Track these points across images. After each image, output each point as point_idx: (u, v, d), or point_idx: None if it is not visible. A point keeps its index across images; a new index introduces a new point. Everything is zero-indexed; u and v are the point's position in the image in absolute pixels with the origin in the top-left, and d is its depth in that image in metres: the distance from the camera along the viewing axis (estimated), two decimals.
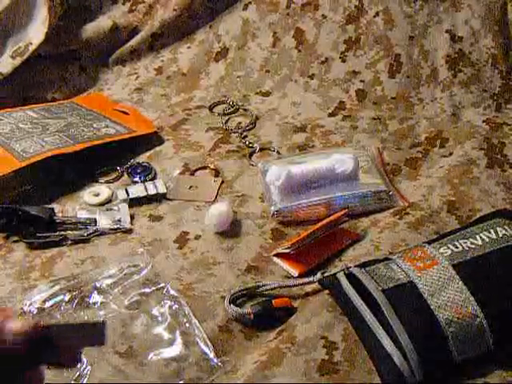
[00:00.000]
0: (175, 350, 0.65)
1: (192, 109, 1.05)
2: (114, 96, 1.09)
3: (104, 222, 0.81)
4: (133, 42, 1.15)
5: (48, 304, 0.69)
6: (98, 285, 0.71)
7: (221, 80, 1.10)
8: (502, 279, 0.65)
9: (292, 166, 0.85)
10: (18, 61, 1.06)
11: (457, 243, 0.67)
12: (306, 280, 0.71)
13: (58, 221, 0.81)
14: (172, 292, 0.70)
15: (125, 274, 0.72)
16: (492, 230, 0.68)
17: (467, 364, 0.62)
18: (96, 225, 0.81)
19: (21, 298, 0.71)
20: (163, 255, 0.77)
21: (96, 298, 0.70)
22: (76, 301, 0.70)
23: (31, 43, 1.07)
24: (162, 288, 0.71)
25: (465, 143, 0.93)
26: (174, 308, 0.69)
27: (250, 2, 1.14)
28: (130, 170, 0.91)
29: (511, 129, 0.96)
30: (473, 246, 0.67)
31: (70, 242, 0.79)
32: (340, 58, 1.07)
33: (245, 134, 0.98)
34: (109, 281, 0.72)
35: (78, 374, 0.63)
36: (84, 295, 0.70)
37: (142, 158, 0.93)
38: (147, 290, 0.71)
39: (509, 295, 0.64)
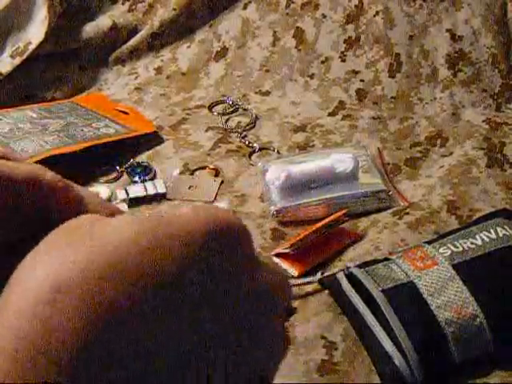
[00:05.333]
0: None
1: (192, 108, 1.05)
2: (114, 96, 1.09)
3: None
4: (132, 41, 1.15)
5: None
6: None
7: (220, 79, 1.10)
8: (502, 279, 0.65)
9: (292, 166, 0.85)
10: (18, 60, 1.06)
11: (457, 243, 0.67)
12: (305, 280, 0.71)
13: None
14: None
15: None
16: (492, 230, 0.68)
17: (467, 364, 0.62)
18: None
19: None
20: None
21: None
22: None
23: (31, 43, 1.07)
24: None
25: (465, 143, 0.93)
26: None
27: (249, 2, 1.14)
28: (129, 170, 0.91)
29: (511, 128, 0.96)
30: (473, 246, 0.66)
31: None
32: (340, 57, 1.07)
33: (244, 133, 0.98)
34: None
35: None
36: None
37: (142, 158, 0.93)
38: None
39: (509, 295, 0.64)
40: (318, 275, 0.70)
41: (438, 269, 0.65)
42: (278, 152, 0.94)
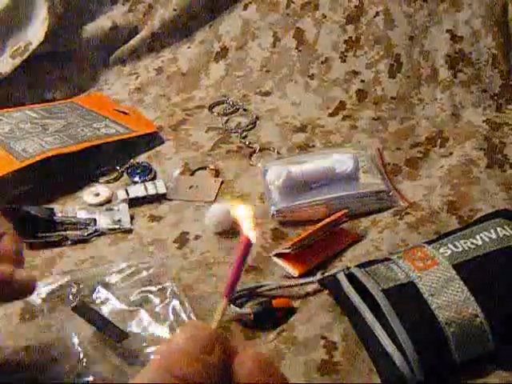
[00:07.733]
0: None
1: (192, 109, 1.05)
2: (114, 96, 1.09)
3: (104, 222, 0.81)
4: (133, 41, 1.15)
5: (53, 296, 0.69)
6: (106, 279, 0.71)
7: (221, 80, 1.10)
8: (503, 279, 0.65)
9: (292, 166, 0.85)
10: (18, 60, 1.06)
11: (457, 243, 0.67)
12: (306, 280, 0.71)
13: (57, 221, 0.81)
14: (175, 291, 0.70)
15: (132, 272, 0.72)
16: (492, 230, 0.68)
17: (467, 364, 0.62)
18: (96, 225, 0.81)
19: None
20: (163, 255, 0.77)
21: (100, 293, 0.70)
22: (82, 294, 0.69)
23: (31, 43, 1.07)
24: (166, 287, 0.71)
25: (465, 143, 0.93)
26: (176, 307, 0.68)
27: (250, 2, 1.14)
28: (129, 170, 0.91)
29: (511, 129, 0.96)
30: (473, 246, 0.66)
31: (69, 242, 0.79)
32: (340, 57, 1.07)
33: (245, 133, 0.98)
34: (114, 277, 0.71)
35: (76, 372, 0.62)
36: (89, 289, 0.70)
37: (142, 158, 0.93)
38: (152, 289, 0.71)
39: (509, 295, 0.64)
40: (318, 275, 0.70)
41: (438, 269, 0.65)
42: (278, 152, 0.94)
